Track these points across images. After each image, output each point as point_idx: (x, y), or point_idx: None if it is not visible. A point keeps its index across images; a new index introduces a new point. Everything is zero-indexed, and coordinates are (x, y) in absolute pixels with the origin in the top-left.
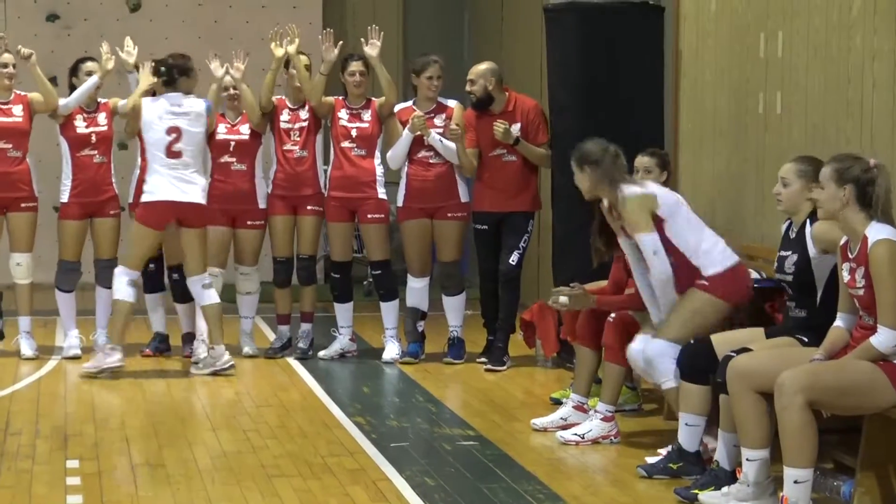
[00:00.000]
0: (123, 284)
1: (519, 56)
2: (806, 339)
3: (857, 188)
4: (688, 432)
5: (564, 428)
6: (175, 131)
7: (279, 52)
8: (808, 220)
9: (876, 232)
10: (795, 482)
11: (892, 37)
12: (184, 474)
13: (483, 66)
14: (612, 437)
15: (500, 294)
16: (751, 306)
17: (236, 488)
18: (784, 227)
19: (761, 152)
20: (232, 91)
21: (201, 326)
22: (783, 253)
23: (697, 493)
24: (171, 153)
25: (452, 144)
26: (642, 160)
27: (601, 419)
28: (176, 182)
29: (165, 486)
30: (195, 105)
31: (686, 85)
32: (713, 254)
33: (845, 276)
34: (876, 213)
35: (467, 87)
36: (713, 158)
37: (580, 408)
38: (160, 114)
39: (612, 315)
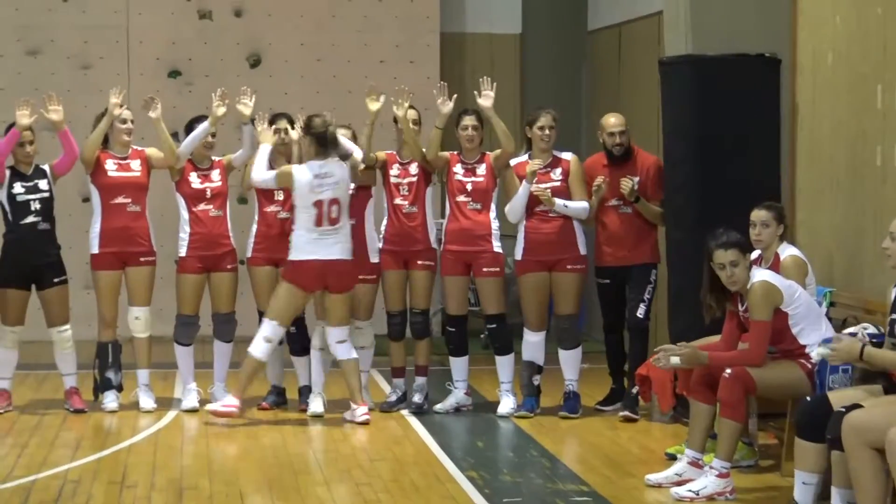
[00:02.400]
0: None
1: (636, 109)
2: None
3: None
4: (803, 490)
5: (679, 484)
6: None
7: (374, 106)
8: None
9: None
10: None
11: None
12: None
13: (622, 119)
14: (728, 494)
15: (630, 345)
16: None
17: None
18: (894, 290)
19: (879, 205)
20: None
21: (317, 379)
22: (894, 316)
23: None
24: None
25: (580, 204)
26: (759, 214)
27: (716, 475)
28: None
29: None
30: None
31: (803, 137)
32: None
33: None
34: None
35: (616, 139)
36: (831, 211)
37: (695, 463)
38: None
39: (728, 370)
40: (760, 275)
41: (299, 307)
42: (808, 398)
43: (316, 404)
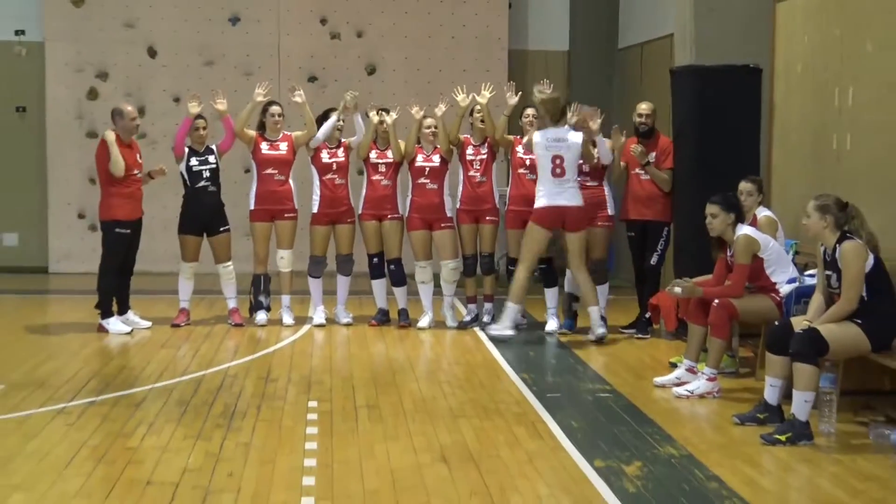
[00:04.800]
0: None
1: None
2: (859, 321)
3: None
4: (771, 391)
5: (679, 385)
6: None
7: (464, 103)
8: (837, 245)
9: None
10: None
11: None
12: (392, 413)
13: (651, 105)
14: (715, 394)
15: (645, 285)
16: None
17: (430, 425)
18: (821, 250)
19: (835, 179)
20: (434, 129)
21: (426, 303)
22: (827, 272)
23: (778, 438)
24: None
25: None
26: (745, 185)
27: (707, 379)
28: None
29: (378, 422)
30: None
31: (777, 127)
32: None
33: None
34: None
35: (640, 119)
36: (798, 184)
37: (691, 370)
38: None
39: (717, 301)
40: (743, 230)
41: None
42: (777, 322)
43: (424, 321)
